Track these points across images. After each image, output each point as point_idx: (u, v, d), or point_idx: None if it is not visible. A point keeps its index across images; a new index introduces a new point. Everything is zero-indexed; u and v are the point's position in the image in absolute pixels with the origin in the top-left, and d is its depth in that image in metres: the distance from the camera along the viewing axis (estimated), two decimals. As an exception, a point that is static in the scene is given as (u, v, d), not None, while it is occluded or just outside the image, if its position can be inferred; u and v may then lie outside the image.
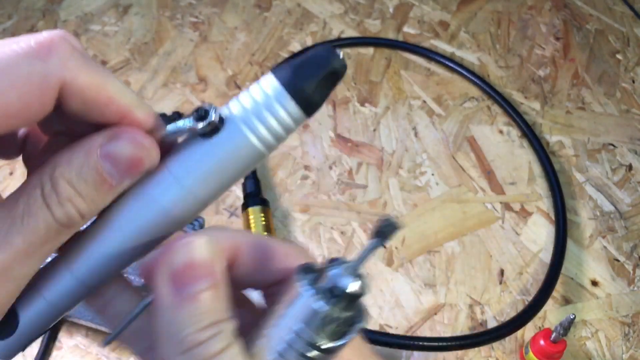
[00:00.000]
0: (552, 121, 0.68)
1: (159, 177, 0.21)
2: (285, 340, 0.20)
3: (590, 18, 0.80)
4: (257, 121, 0.21)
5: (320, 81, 0.21)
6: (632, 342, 0.53)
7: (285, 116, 0.21)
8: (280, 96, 0.21)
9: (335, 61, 0.21)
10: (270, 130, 0.21)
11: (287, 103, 0.21)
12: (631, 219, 0.61)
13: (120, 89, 0.20)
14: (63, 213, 0.19)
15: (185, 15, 0.75)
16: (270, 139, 0.21)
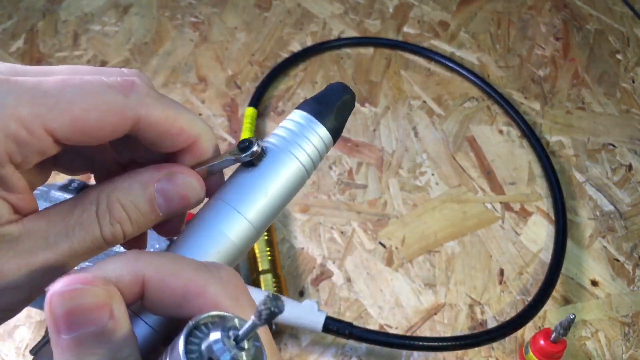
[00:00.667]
0: (552, 121, 0.68)
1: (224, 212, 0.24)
2: None
3: (590, 18, 0.80)
4: (296, 147, 0.25)
5: (340, 108, 0.26)
6: (632, 342, 0.53)
7: (318, 140, 0.25)
8: (311, 123, 0.25)
9: (348, 91, 0.26)
10: (308, 153, 0.25)
11: (318, 128, 0.25)
12: (631, 219, 0.61)
13: (190, 119, 0.23)
14: (111, 232, 0.22)
15: (186, 15, 0.75)
16: (309, 161, 0.25)
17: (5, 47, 0.70)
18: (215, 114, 0.66)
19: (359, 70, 0.71)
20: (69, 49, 0.70)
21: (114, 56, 0.70)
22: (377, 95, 0.69)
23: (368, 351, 0.50)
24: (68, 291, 0.18)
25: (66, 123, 0.20)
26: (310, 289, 0.54)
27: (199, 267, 0.20)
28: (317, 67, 0.71)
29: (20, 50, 0.70)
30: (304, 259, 0.56)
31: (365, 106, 0.68)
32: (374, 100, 0.69)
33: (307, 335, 0.51)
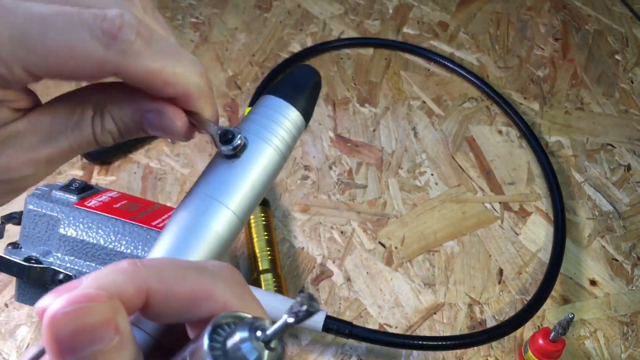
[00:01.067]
0: (551, 121, 0.69)
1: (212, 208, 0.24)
2: None
3: (589, 19, 0.80)
4: (273, 135, 0.25)
5: (311, 92, 0.26)
6: (630, 341, 0.53)
7: (294, 126, 0.25)
8: (285, 109, 0.25)
9: (317, 74, 0.27)
10: (286, 140, 0.25)
11: (293, 114, 0.25)
12: (630, 218, 0.61)
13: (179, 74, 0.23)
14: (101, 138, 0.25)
15: (186, 15, 0.75)
16: (287, 148, 0.25)
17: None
18: (215, 114, 0.66)
19: (359, 70, 0.71)
20: (70, 50, 0.70)
21: (115, 57, 0.70)
22: (377, 95, 0.69)
23: (368, 350, 0.51)
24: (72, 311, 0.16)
25: (44, 67, 0.21)
26: (310, 288, 0.54)
27: (202, 269, 0.19)
28: (317, 68, 0.71)
29: (21, 50, 0.70)
30: (304, 259, 0.56)
31: (365, 106, 0.68)
32: (374, 100, 0.69)
33: (307, 335, 0.51)
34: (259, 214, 0.54)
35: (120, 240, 0.43)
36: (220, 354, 0.17)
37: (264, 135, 0.25)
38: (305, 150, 0.64)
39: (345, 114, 0.67)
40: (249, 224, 0.54)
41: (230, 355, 0.17)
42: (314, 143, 0.64)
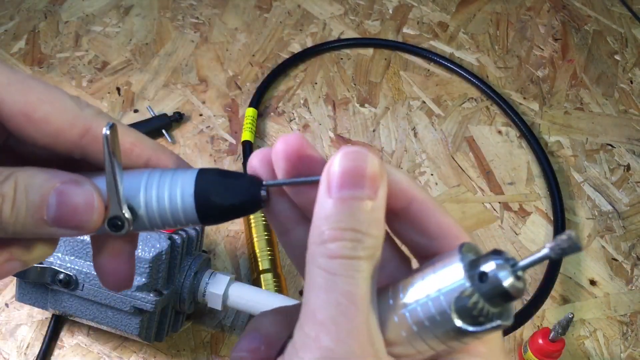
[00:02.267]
0: (550, 121, 0.69)
1: None
2: (422, 299, 0.20)
3: (588, 19, 0.81)
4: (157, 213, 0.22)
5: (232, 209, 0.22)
6: (630, 341, 0.53)
7: (183, 219, 0.22)
8: (188, 207, 0.22)
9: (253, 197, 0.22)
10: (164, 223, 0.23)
11: (191, 213, 0.22)
12: (629, 218, 0.61)
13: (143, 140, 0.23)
14: None
15: (186, 16, 0.76)
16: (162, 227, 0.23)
17: (7, 48, 0.70)
18: (215, 115, 0.66)
19: (359, 70, 0.72)
20: (71, 50, 0.70)
21: (115, 57, 0.70)
22: (377, 95, 0.69)
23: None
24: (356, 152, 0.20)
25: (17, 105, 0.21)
26: (310, 288, 0.54)
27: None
28: (317, 68, 0.71)
29: (22, 51, 0.70)
30: (304, 259, 0.56)
31: (365, 106, 0.68)
32: (374, 100, 0.69)
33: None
34: (259, 214, 0.54)
35: (121, 240, 0.43)
36: (473, 272, 0.19)
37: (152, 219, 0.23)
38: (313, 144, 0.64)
39: (345, 114, 0.67)
40: (249, 224, 0.54)
41: (486, 277, 0.19)
42: (314, 143, 0.64)
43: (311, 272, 0.19)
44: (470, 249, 0.20)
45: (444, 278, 0.19)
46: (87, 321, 0.46)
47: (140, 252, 0.43)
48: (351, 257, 0.19)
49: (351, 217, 0.19)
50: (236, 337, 0.51)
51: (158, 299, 0.43)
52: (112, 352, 0.49)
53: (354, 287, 0.19)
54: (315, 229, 0.20)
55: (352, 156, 0.20)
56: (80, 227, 0.21)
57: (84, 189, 0.21)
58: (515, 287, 0.19)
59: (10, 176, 0.21)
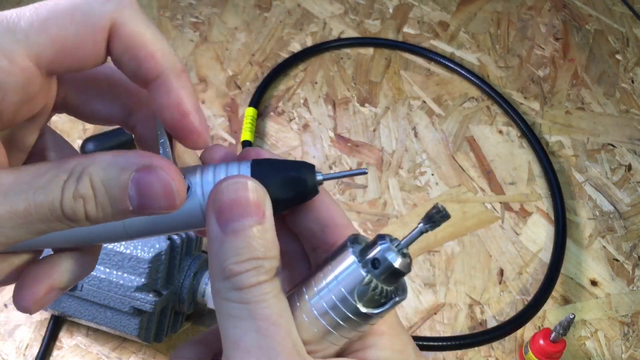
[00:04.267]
0: (551, 121, 0.69)
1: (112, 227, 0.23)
2: (326, 296, 0.21)
3: (589, 18, 0.80)
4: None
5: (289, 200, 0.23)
6: (631, 341, 0.53)
7: None
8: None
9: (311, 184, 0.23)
10: None
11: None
12: (630, 218, 0.61)
13: (164, 47, 0.22)
14: (71, 207, 0.20)
15: (186, 15, 0.75)
16: None
17: (5, 47, 0.70)
18: (215, 114, 0.66)
19: (359, 70, 0.71)
20: (70, 49, 0.70)
21: (114, 56, 0.70)
22: (377, 95, 0.69)
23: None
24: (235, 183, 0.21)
25: (46, 44, 0.19)
26: (310, 288, 0.54)
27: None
28: (317, 67, 0.71)
29: (20, 50, 0.70)
30: (304, 259, 0.56)
31: (365, 106, 0.68)
32: (374, 100, 0.69)
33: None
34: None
35: (120, 240, 0.43)
36: (366, 261, 0.21)
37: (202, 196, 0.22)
38: (305, 150, 0.63)
39: (345, 114, 0.67)
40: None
41: (378, 262, 0.21)
42: (314, 143, 0.64)
43: (222, 306, 0.21)
44: (358, 239, 0.22)
45: (341, 271, 0.21)
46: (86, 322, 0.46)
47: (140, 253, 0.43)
48: (256, 283, 0.20)
49: (247, 248, 0.20)
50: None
51: (157, 299, 0.43)
52: (111, 353, 0.49)
53: (269, 309, 0.20)
54: (216, 266, 0.21)
55: (231, 188, 0.21)
56: (166, 210, 0.21)
57: (158, 175, 0.21)
58: (404, 264, 0.22)
59: (83, 174, 0.20)
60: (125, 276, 0.43)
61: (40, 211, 0.20)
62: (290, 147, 0.64)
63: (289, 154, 0.63)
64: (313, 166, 0.23)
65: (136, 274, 0.43)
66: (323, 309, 0.21)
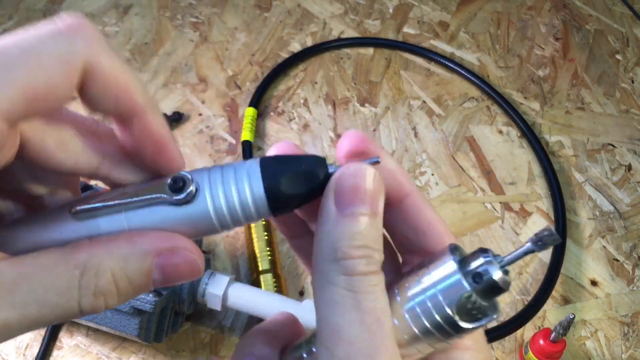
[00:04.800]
0: (551, 121, 0.69)
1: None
2: (422, 303, 0.21)
3: (589, 18, 0.80)
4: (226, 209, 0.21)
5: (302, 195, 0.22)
6: (631, 341, 0.53)
7: (255, 214, 0.22)
8: (258, 198, 0.21)
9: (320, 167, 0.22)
10: (234, 220, 0.22)
11: (262, 204, 0.21)
12: (630, 218, 0.61)
13: (138, 82, 0.20)
14: (91, 304, 0.19)
15: (186, 15, 0.75)
16: (231, 224, 0.22)
17: (5, 47, 0.70)
18: (215, 114, 0.66)
19: (359, 70, 0.71)
20: (70, 50, 0.70)
21: (114, 56, 0.70)
22: (377, 95, 0.69)
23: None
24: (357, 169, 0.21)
25: (14, 97, 0.17)
26: (310, 288, 0.54)
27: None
28: (317, 67, 0.71)
29: (20, 50, 0.70)
30: (304, 259, 0.56)
31: (365, 106, 0.68)
32: (374, 100, 0.69)
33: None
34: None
35: (120, 240, 0.43)
36: (467, 272, 0.20)
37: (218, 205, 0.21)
38: (305, 150, 0.63)
39: (345, 114, 0.67)
40: (249, 225, 0.54)
41: (480, 277, 0.20)
42: (314, 143, 0.64)
43: (326, 289, 0.20)
44: (458, 249, 0.22)
45: (441, 279, 0.21)
46: (86, 322, 0.46)
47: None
48: (367, 272, 0.20)
49: (361, 234, 0.20)
50: (236, 338, 0.50)
51: (157, 299, 0.43)
52: (111, 353, 0.49)
53: (375, 302, 0.19)
54: (326, 246, 0.20)
55: (356, 173, 0.21)
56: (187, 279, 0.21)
57: (183, 256, 0.20)
58: (505, 281, 0.20)
59: (101, 270, 0.19)
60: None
61: (55, 313, 0.18)
62: (290, 147, 0.64)
63: (289, 154, 0.63)
64: (324, 159, 0.22)
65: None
66: (416, 315, 0.21)
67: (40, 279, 0.18)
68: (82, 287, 0.19)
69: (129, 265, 0.19)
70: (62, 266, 0.19)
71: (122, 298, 0.20)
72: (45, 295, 0.18)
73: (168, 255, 0.20)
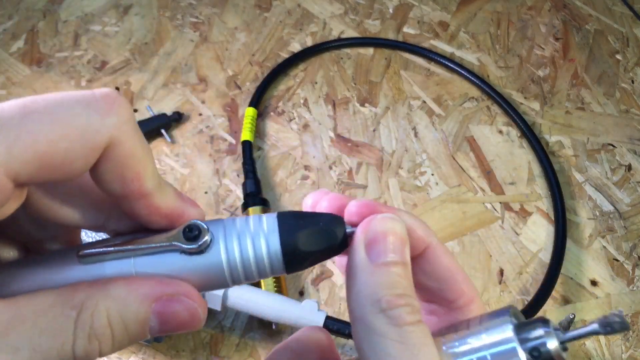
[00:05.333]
0: (551, 121, 0.69)
1: None
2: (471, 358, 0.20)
3: (589, 18, 0.80)
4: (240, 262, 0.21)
5: (319, 254, 0.21)
6: (631, 342, 0.53)
7: (268, 269, 0.21)
8: (274, 253, 0.21)
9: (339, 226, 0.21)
10: (246, 274, 0.21)
11: (277, 260, 0.21)
12: (630, 218, 0.61)
13: (151, 165, 0.20)
14: (84, 349, 0.18)
15: (186, 15, 0.75)
16: (242, 279, 0.21)
17: (5, 47, 0.70)
18: (215, 114, 0.66)
19: (359, 70, 0.71)
20: (70, 49, 0.70)
21: (115, 56, 0.70)
22: (377, 95, 0.69)
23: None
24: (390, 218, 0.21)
25: (29, 161, 0.16)
26: (310, 288, 0.54)
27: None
28: (317, 67, 0.71)
29: (20, 50, 0.70)
30: (304, 259, 0.56)
31: (365, 106, 0.68)
32: (374, 100, 0.69)
33: (307, 335, 0.51)
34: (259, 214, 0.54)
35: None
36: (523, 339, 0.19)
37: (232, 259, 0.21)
38: (305, 150, 0.63)
39: (345, 114, 0.67)
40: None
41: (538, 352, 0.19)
42: (314, 143, 0.64)
43: (378, 342, 0.19)
44: (515, 311, 0.21)
45: (495, 343, 0.20)
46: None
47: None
48: (415, 322, 0.19)
49: (400, 282, 0.20)
50: (236, 338, 0.50)
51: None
52: (111, 353, 0.49)
53: (430, 355, 0.19)
54: (365, 296, 0.20)
55: (384, 223, 0.21)
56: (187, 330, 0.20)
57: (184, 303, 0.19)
58: (562, 357, 0.19)
59: (96, 311, 0.18)
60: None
61: (48, 357, 0.17)
62: (290, 147, 0.64)
63: (288, 154, 0.63)
64: (341, 218, 0.22)
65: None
66: None
67: (35, 321, 0.17)
68: (77, 329, 0.18)
69: (125, 308, 0.18)
70: (58, 307, 0.18)
71: (117, 345, 0.19)
72: (39, 339, 0.17)
73: (167, 301, 0.19)
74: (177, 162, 0.61)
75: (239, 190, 0.59)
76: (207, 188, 0.60)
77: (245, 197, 0.57)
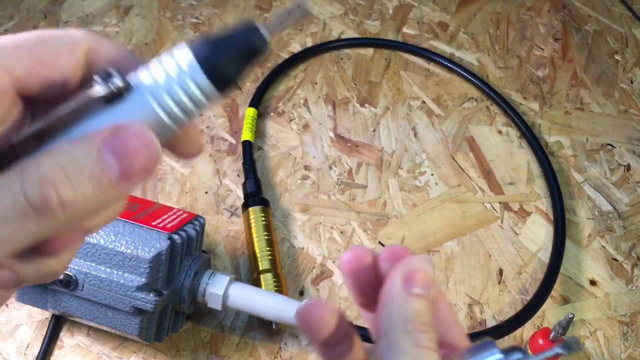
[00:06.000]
0: (550, 121, 0.69)
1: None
2: None
3: (588, 19, 0.81)
4: (166, 94, 0.20)
5: (237, 59, 0.21)
6: (630, 341, 0.53)
7: (197, 92, 0.20)
8: (193, 71, 0.20)
9: (257, 40, 0.21)
10: (179, 104, 0.20)
11: (200, 79, 0.20)
12: (629, 218, 0.61)
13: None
14: (39, 194, 0.17)
15: (186, 16, 0.76)
16: (179, 113, 0.21)
17: (6, 47, 0.70)
18: (215, 115, 0.66)
19: (359, 70, 0.72)
20: (70, 50, 0.70)
21: (115, 57, 0.70)
22: (377, 95, 0.69)
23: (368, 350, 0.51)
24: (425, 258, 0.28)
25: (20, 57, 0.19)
26: (311, 288, 0.54)
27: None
28: (317, 68, 0.71)
29: (21, 51, 0.70)
30: (304, 259, 0.56)
31: (365, 106, 0.68)
32: (374, 100, 0.69)
33: (307, 335, 0.51)
34: (259, 214, 0.54)
35: (121, 240, 0.43)
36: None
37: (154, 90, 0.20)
38: (305, 151, 0.64)
39: (345, 114, 0.67)
40: (249, 224, 0.54)
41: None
42: (314, 143, 0.64)
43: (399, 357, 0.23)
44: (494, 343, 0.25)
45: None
46: (87, 321, 0.46)
47: (140, 252, 0.43)
48: (432, 348, 0.23)
49: (425, 313, 0.24)
50: (236, 338, 0.51)
51: (158, 299, 0.43)
52: (112, 352, 0.49)
53: None
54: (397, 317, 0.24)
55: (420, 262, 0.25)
56: (153, 164, 0.19)
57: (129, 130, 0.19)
58: None
59: (41, 158, 0.17)
60: (126, 276, 0.43)
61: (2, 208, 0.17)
62: (290, 147, 0.64)
63: (288, 154, 0.63)
64: (256, 26, 0.21)
65: (137, 273, 0.43)
66: None
67: None
68: (23, 174, 0.17)
69: (73, 151, 0.18)
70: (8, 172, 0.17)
71: (79, 190, 0.18)
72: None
73: (113, 135, 0.18)
74: (177, 162, 0.61)
75: (239, 190, 0.59)
76: (208, 188, 0.60)
77: (246, 197, 0.57)
